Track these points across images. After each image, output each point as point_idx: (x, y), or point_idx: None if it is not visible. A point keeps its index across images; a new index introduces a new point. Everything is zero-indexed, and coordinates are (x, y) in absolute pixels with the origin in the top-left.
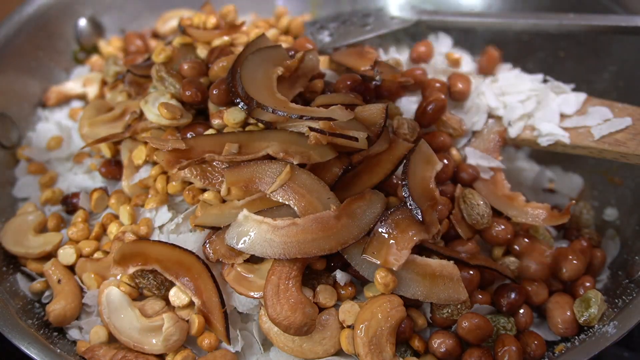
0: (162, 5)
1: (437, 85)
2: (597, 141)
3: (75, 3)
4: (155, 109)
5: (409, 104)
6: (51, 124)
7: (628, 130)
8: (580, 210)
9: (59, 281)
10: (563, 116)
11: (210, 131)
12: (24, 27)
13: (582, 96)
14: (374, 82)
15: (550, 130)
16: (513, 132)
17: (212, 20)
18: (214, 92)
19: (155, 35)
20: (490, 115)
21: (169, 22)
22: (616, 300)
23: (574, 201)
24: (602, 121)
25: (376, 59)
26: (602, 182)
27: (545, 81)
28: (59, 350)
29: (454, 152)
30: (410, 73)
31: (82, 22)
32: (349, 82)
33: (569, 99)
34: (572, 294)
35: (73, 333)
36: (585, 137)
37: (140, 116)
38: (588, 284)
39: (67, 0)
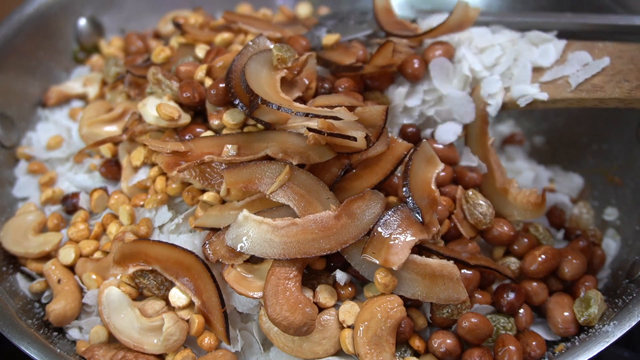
0: (163, 5)
1: (415, 62)
2: (575, 91)
3: (75, 3)
4: (154, 111)
5: (398, 94)
6: (51, 124)
7: (606, 72)
8: (580, 210)
9: (58, 281)
10: (542, 69)
11: (208, 132)
12: (24, 27)
13: (561, 43)
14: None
15: (524, 91)
16: (493, 109)
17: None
18: (212, 92)
19: (157, 36)
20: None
21: (171, 23)
22: (616, 300)
23: (551, 186)
24: (580, 67)
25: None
26: (602, 182)
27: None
28: (58, 350)
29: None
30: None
31: (82, 22)
32: (344, 85)
33: (548, 50)
34: (573, 293)
35: (73, 333)
36: (563, 88)
37: (140, 118)
38: (589, 284)
39: (67, 0)
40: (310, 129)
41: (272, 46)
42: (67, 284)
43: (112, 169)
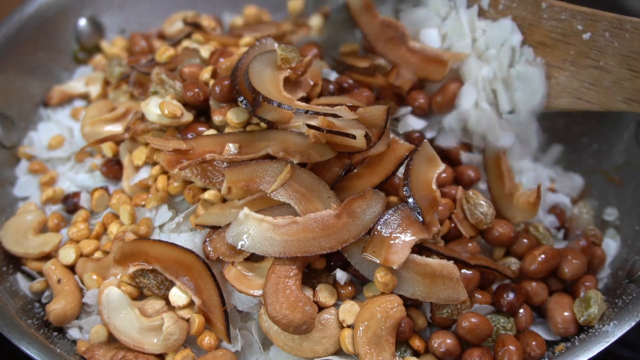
0: (162, 5)
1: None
2: (627, 102)
3: (75, 3)
4: (156, 109)
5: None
6: (53, 124)
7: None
8: (580, 210)
9: (58, 281)
10: None
11: (210, 131)
12: (24, 27)
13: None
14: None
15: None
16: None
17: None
18: (216, 89)
19: (161, 37)
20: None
21: (176, 24)
22: (616, 300)
23: (552, 186)
24: None
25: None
26: (602, 182)
27: None
28: (59, 350)
29: None
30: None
31: (82, 22)
32: (349, 81)
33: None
34: (573, 293)
35: (73, 332)
36: (613, 95)
37: (142, 117)
38: (589, 284)
39: (67, 0)
40: (309, 126)
41: (276, 46)
42: (67, 284)
43: (113, 169)
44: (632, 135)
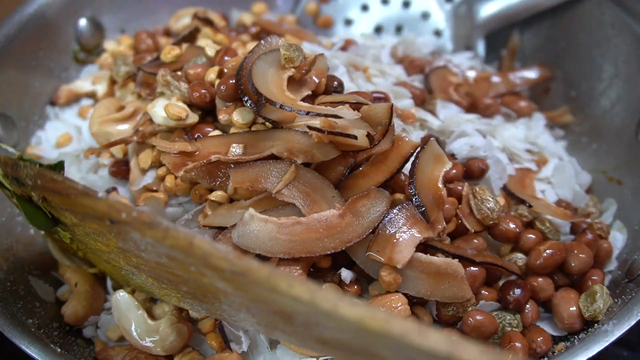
0: (162, 5)
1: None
2: None
3: (75, 3)
4: (162, 111)
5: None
6: (59, 123)
7: None
8: (586, 204)
9: (75, 284)
10: None
11: (215, 132)
12: (24, 27)
13: None
14: None
15: None
16: None
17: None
18: (222, 88)
19: (167, 34)
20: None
21: (182, 20)
22: (616, 300)
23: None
24: None
25: None
26: (602, 182)
27: None
28: (59, 350)
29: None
30: None
31: (83, 22)
32: None
33: None
34: (580, 288)
35: (87, 331)
36: None
37: (151, 119)
38: (596, 278)
39: (67, 0)
40: (311, 127)
41: (280, 43)
42: (82, 286)
43: (122, 169)
44: (632, 135)
